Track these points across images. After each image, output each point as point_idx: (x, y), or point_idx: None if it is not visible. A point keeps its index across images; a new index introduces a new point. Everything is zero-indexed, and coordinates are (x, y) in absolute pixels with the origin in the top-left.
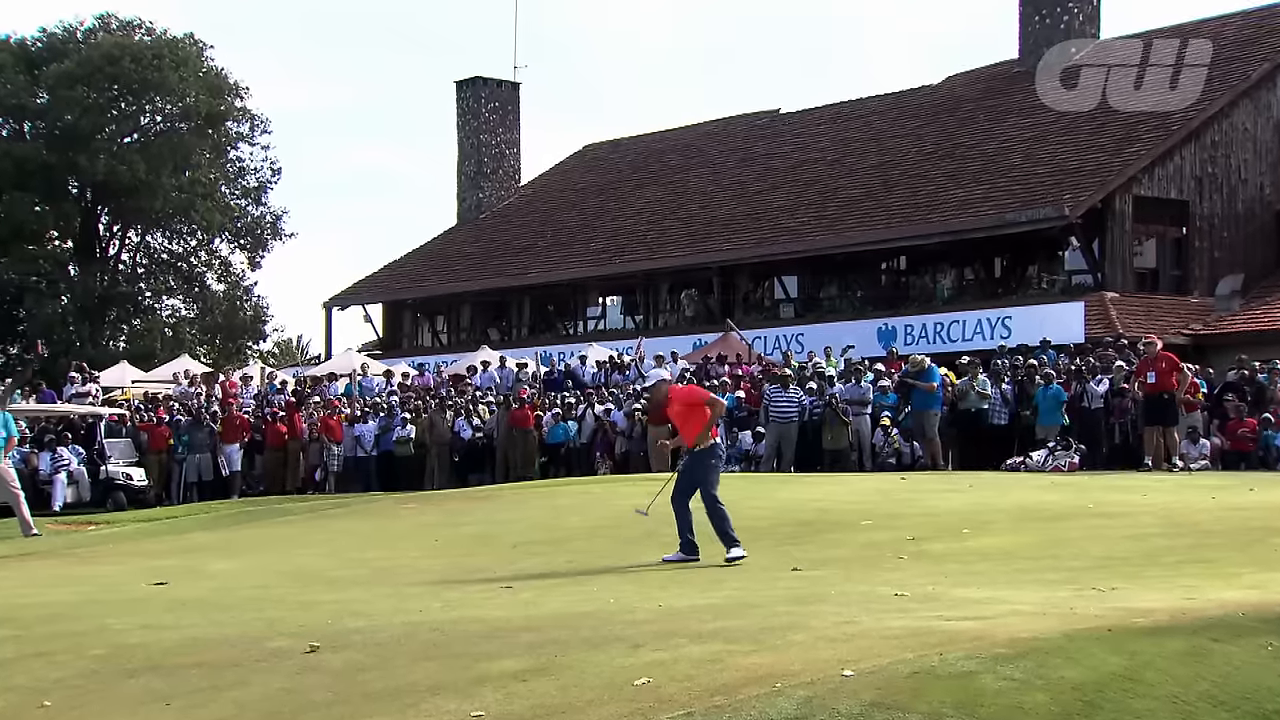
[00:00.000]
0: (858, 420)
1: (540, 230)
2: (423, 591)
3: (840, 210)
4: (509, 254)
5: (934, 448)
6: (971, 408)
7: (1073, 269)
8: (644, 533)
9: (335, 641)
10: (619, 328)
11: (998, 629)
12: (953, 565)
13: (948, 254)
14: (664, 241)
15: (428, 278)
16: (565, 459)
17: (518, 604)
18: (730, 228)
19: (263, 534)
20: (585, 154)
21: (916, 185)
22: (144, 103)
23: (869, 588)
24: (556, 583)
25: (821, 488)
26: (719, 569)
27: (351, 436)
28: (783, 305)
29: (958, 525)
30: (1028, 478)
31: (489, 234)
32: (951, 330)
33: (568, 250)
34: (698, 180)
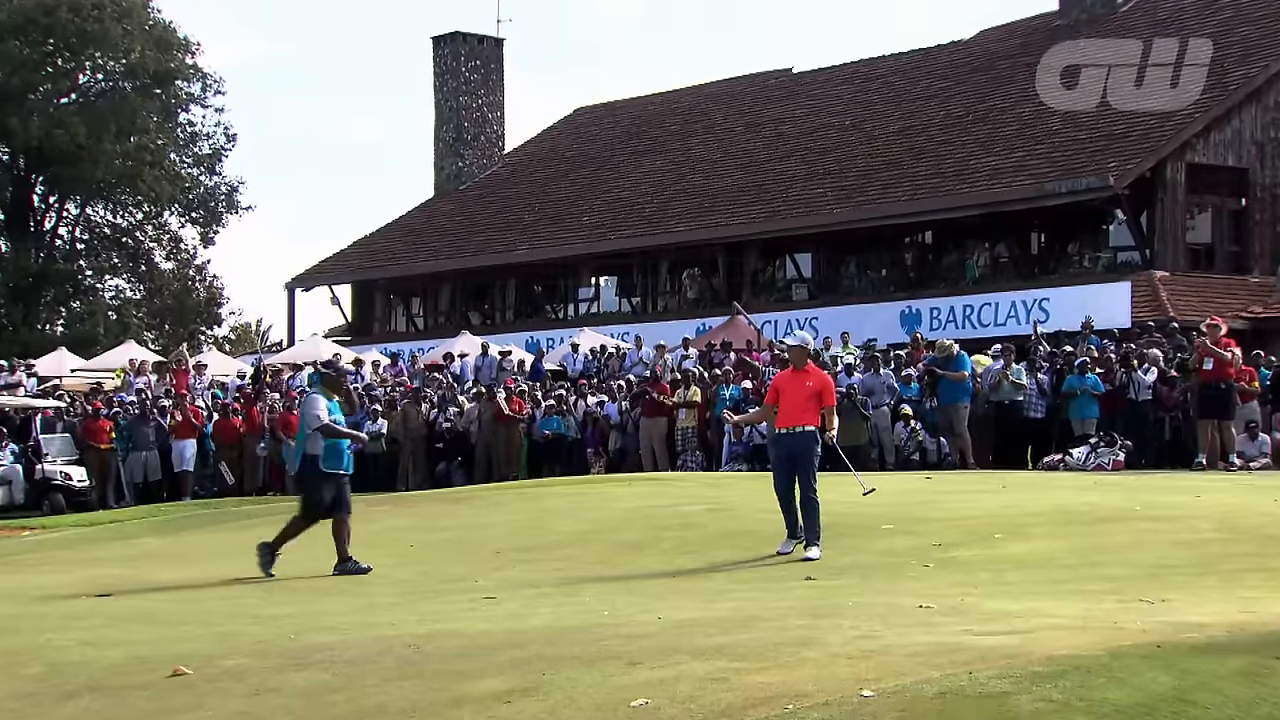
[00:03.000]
0: (878, 414)
1: (527, 203)
2: (396, 603)
3: (859, 181)
4: (492, 229)
5: (963, 444)
6: (1005, 399)
7: (1118, 245)
8: (642, 538)
9: (298, 659)
10: (614, 310)
11: (1034, 645)
12: (983, 574)
13: (979, 229)
14: (664, 216)
15: (402, 256)
16: (554, 456)
17: (501, 617)
18: (737, 200)
19: (218, 540)
20: (576, 119)
21: (944, 153)
22: (83, 59)
23: (890, 599)
24: (544, 593)
25: (837, 488)
26: (722, 577)
27: None
28: (795, 286)
29: (989, 530)
30: (1067, 477)
31: (470, 207)
32: (983, 313)
33: (557, 225)
34: (701, 148)
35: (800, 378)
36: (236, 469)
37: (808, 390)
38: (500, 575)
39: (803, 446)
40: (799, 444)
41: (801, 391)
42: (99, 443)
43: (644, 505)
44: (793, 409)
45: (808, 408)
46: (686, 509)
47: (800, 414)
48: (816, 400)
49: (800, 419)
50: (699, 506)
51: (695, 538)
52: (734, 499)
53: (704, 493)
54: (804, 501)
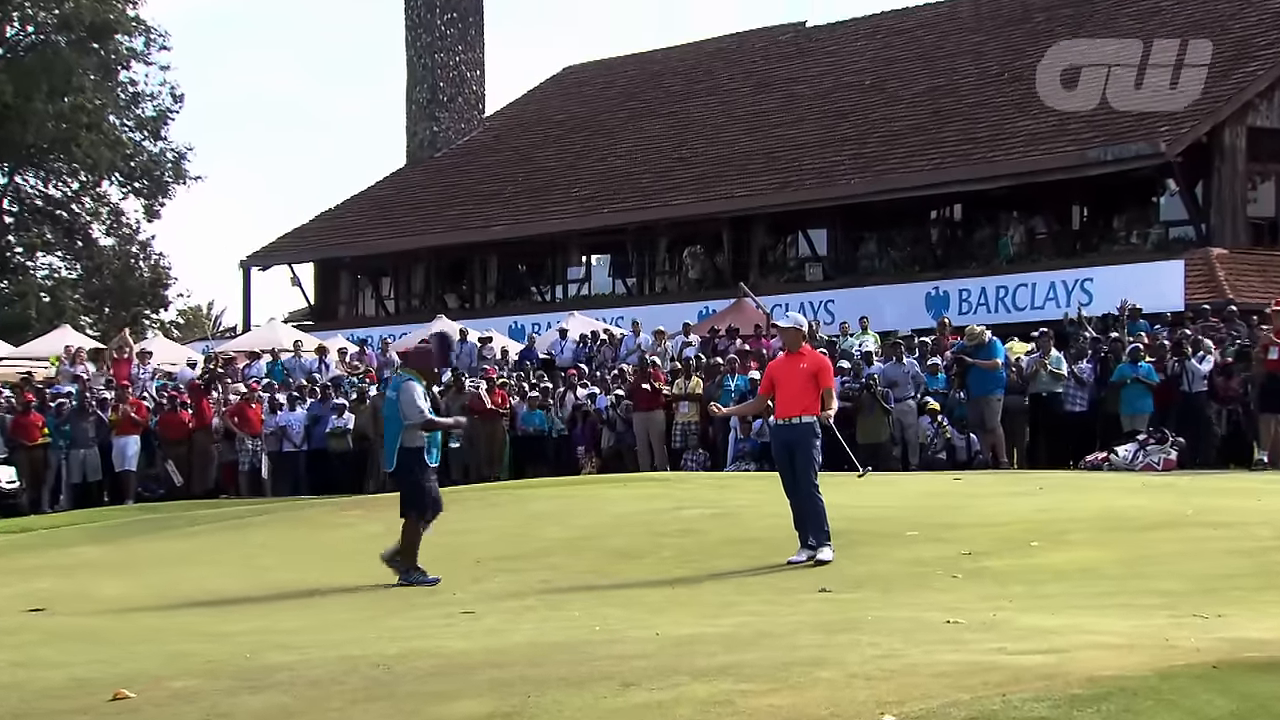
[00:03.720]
0: (900, 408)
1: (509, 173)
2: (363, 619)
3: (880, 148)
4: (471, 202)
5: (995, 441)
6: (1042, 391)
7: (1170, 219)
8: (637, 546)
9: (254, 680)
10: (606, 293)
11: (1074, 665)
12: (1018, 586)
13: (1014, 201)
14: (663, 187)
15: (370, 231)
16: (540, 454)
17: (481, 633)
18: (744, 170)
19: (164, 548)
20: (565, 78)
21: (976, 116)
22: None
23: (914, 613)
24: (528, 606)
25: (855, 490)
26: (726, 588)
27: (275, 428)
28: (809, 265)
29: (1025, 537)
30: (1112, 478)
31: (446, 177)
32: (1018, 296)
33: (544, 197)
34: (704, 111)
35: (794, 362)
36: (185, 468)
37: (803, 374)
38: (480, 587)
39: (800, 438)
40: (796, 435)
41: (797, 377)
42: (30, 440)
43: (640, 509)
44: (789, 397)
45: (805, 394)
46: (687, 513)
47: (797, 402)
48: (814, 384)
49: (797, 408)
50: (701, 510)
51: (697, 545)
52: (740, 502)
53: (707, 495)
54: (804, 500)
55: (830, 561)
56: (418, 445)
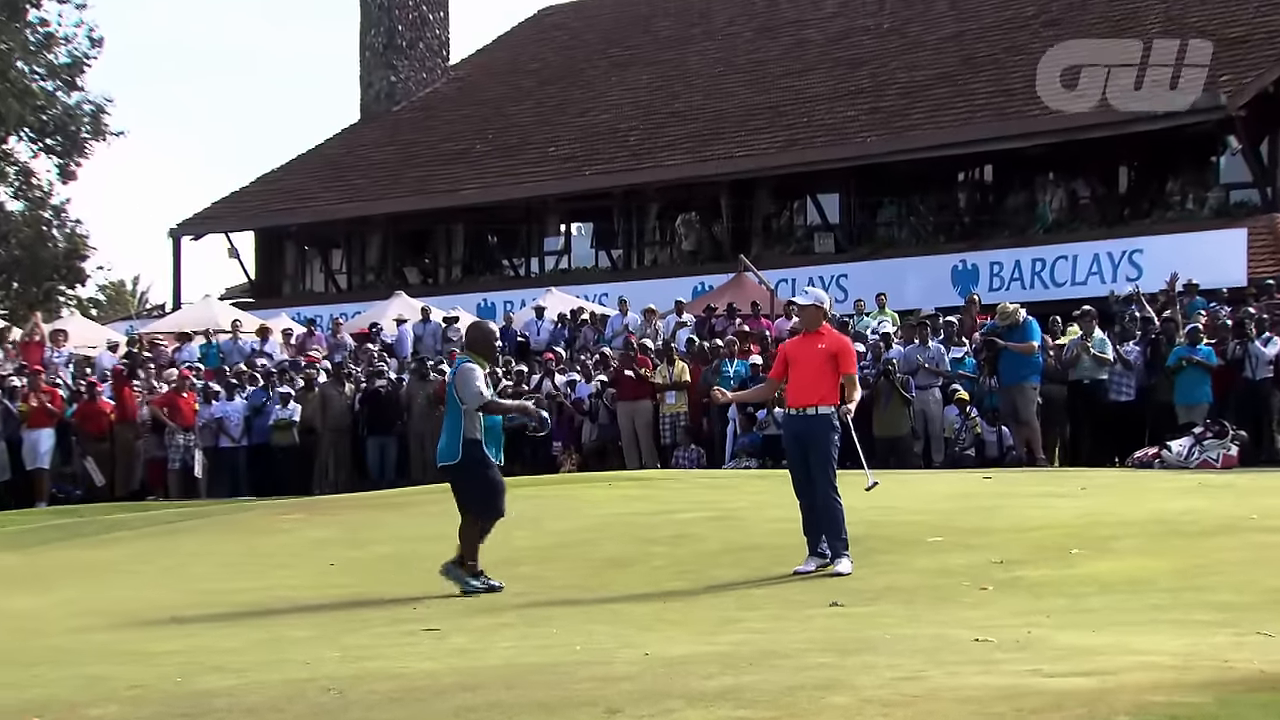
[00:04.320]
0: (923, 397)
1: (478, 129)
2: (312, 636)
3: (900, 101)
4: (434, 163)
5: (1031, 434)
6: (1085, 378)
7: (1231, 182)
8: (624, 554)
9: (184, 709)
10: (588, 266)
11: (1121, 689)
12: (1057, 599)
13: (1053, 162)
14: (653, 145)
15: (319, 195)
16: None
17: (447, 652)
18: (745, 126)
19: (82, 557)
20: (541, 21)
21: (1009, 66)
22: None
23: (939, 630)
24: (502, 623)
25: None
26: (725, 602)
27: (210, 420)
28: (818, 235)
29: (1064, 543)
30: (1165, 477)
31: (406, 134)
32: (1057, 269)
33: (517, 158)
34: (700, 59)
35: (811, 343)
36: (106, 467)
37: (820, 357)
38: (445, 601)
39: (815, 431)
40: (810, 428)
41: (814, 360)
42: None
43: (626, 512)
44: (803, 383)
45: (822, 381)
46: (680, 517)
47: (813, 389)
48: (832, 369)
49: (813, 396)
50: (696, 514)
51: (691, 553)
52: (740, 504)
53: (702, 497)
54: (821, 504)
55: (848, 574)
56: (477, 436)
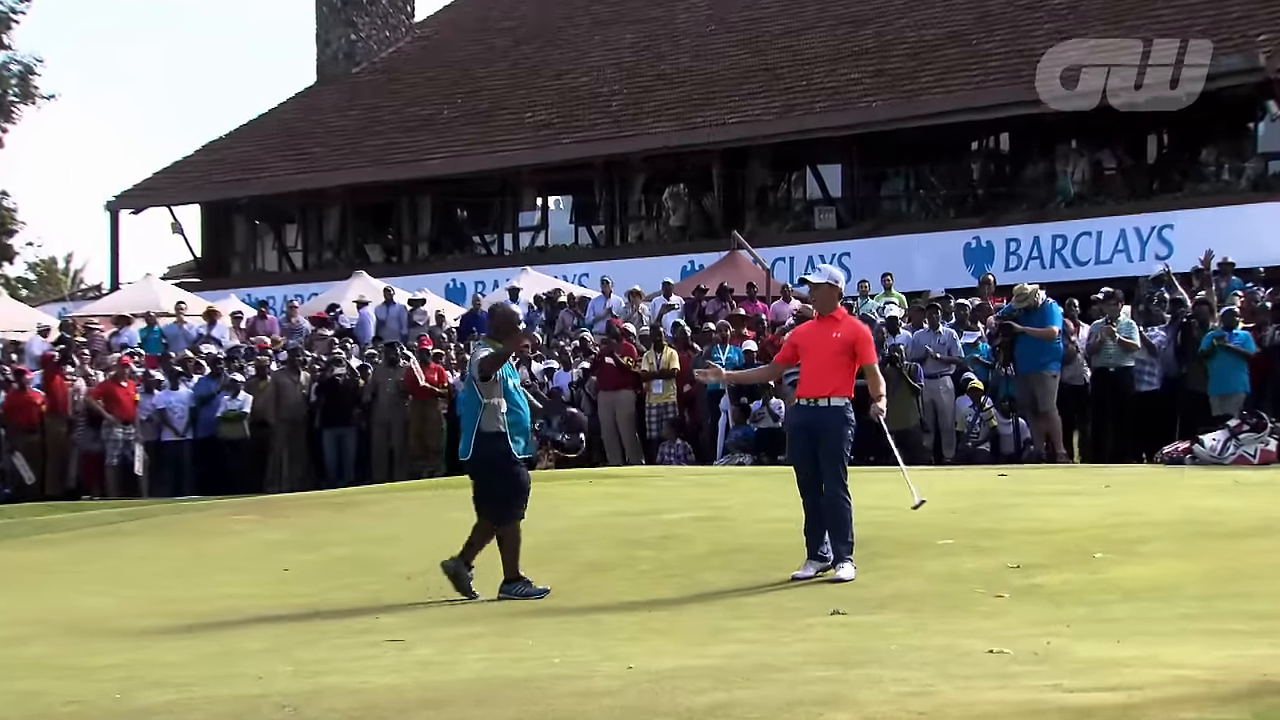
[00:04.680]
0: (932, 386)
1: (446, 93)
2: (264, 648)
3: (908, 62)
4: (397, 130)
5: (1051, 427)
6: (1110, 366)
7: (1271, 150)
8: (606, 558)
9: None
10: (567, 244)
11: (1148, 706)
12: (1079, 608)
13: (1076, 129)
14: (638, 111)
15: (271, 165)
16: None
17: (411, 665)
18: (739, 89)
19: (12, 560)
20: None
21: (1027, 24)
22: None
23: (949, 640)
24: (473, 633)
25: (877, 488)
26: (716, 610)
27: (152, 411)
28: (819, 210)
29: (1087, 546)
30: (1197, 474)
31: (367, 98)
32: (1080, 246)
33: (489, 124)
34: (689, 16)
35: (825, 329)
36: (37, 462)
37: (835, 345)
38: (410, 609)
39: (828, 424)
40: (823, 421)
41: (827, 347)
42: None
43: (608, 512)
44: (816, 372)
45: (837, 370)
46: (667, 518)
47: (826, 379)
48: (848, 359)
49: (825, 386)
50: (684, 514)
51: (679, 557)
52: (732, 504)
53: (691, 495)
54: (829, 501)
55: (850, 580)
56: (499, 429)
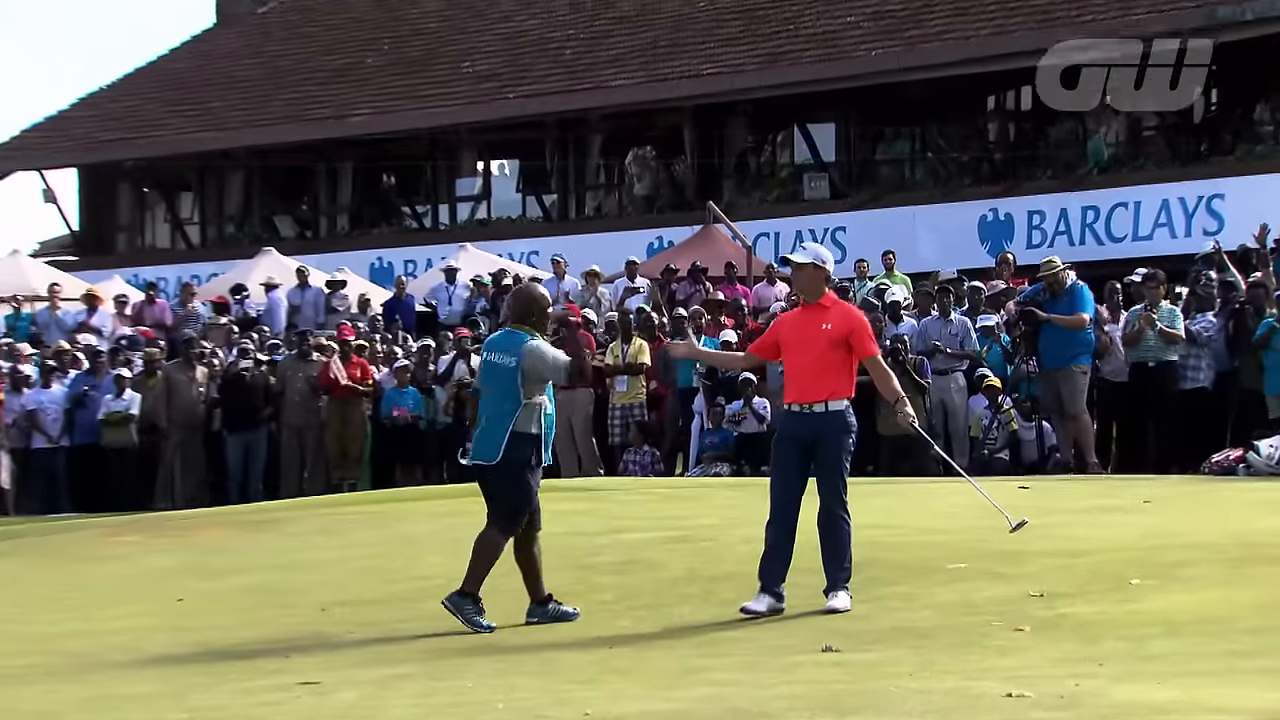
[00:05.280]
0: (943, 383)
1: (370, 38)
2: (153, 692)
3: (913, 3)
4: (311, 81)
5: (1080, 431)
6: (1149, 360)
7: None
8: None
9: None
10: (513, 216)
11: None
12: (1114, 642)
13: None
14: (595, 62)
15: (162, 123)
16: (415, 451)
17: (329, 713)
18: (714, 35)
19: None
20: None
21: None
22: None
23: (960, 682)
24: (400, 673)
25: (877, 503)
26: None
27: (20, 413)
28: (809, 177)
29: (1122, 571)
30: (1250, 487)
31: (276, 43)
32: (1114, 220)
33: (421, 75)
34: None
35: (812, 319)
36: None
37: (826, 338)
38: (329, 647)
39: (826, 433)
40: (821, 429)
41: (817, 342)
42: None
43: (562, 531)
44: (806, 372)
45: (830, 368)
46: (631, 537)
47: (819, 381)
48: (843, 353)
49: (819, 390)
50: (652, 533)
51: (645, 584)
52: (707, 521)
53: (660, 511)
54: (825, 521)
55: (846, 611)
56: (534, 430)
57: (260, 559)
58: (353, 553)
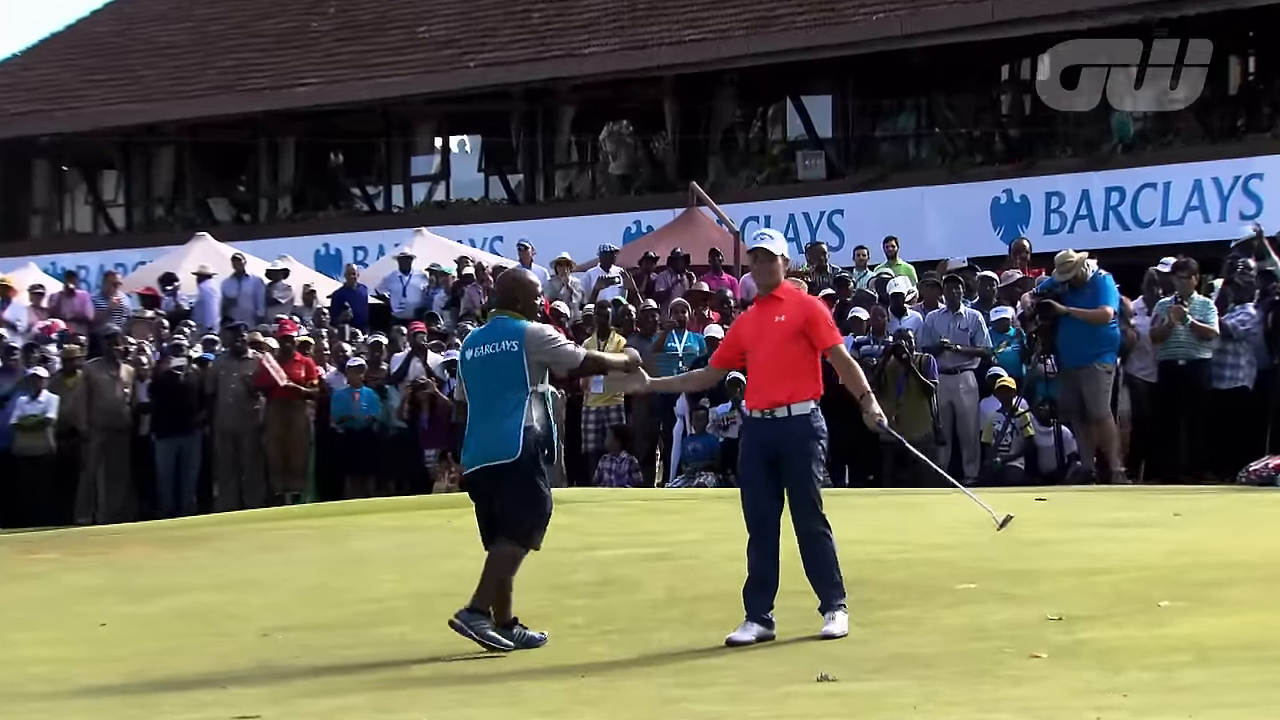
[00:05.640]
0: (952, 383)
1: (313, 0)
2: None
3: None
4: (251, 47)
5: (1104, 437)
6: (1179, 358)
7: None
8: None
9: None
10: (474, 198)
11: None
12: (1139, 672)
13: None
14: (565, 25)
15: (82, 94)
16: (366, 460)
17: None
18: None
19: None
20: None
21: None
22: None
23: (970, 714)
24: (346, 704)
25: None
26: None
27: None
28: (804, 155)
29: (1149, 593)
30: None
31: (206, 6)
32: (1141, 202)
33: (371, 42)
34: None
35: (766, 313)
36: None
37: (781, 332)
38: (271, 677)
39: (790, 440)
40: (783, 437)
41: (772, 336)
42: None
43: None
44: (765, 373)
45: (790, 366)
46: (606, 554)
47: (779, 380)
48: (804, 348)
49: (779, 390)
50: (628, 550)
51: (621, 606)
52: (690, 537)
53: (638, 526)
54: (803, 540)
55: (843, 636)
56: (538, 425)
57: (193, 579)
58: (296, 572)
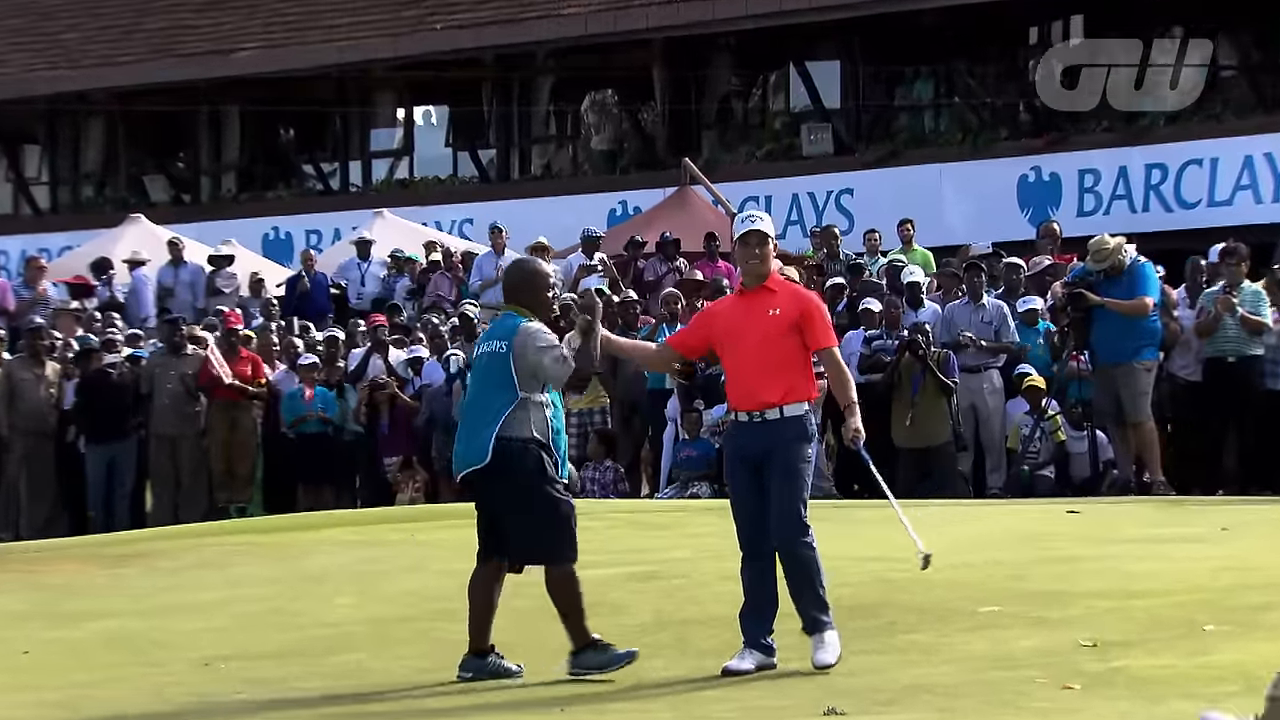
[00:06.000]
0: (974, 383)
1: None
2: None
3: None
4: (188, 6)
5: (1143, 442)
6: (1228, 354)
7: None
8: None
9: None
10: (442, 176)
11: None
12: (1181, 701)
13: (1175, 11)
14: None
15: (2, 58)
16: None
17: None
18: None
19: None
20: None
21: None
22: None
23: None
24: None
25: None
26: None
27: None
28: (810, 128)
29: (1192, 616)
30: None
31: None
32: (1185, 181)
33: (321, 5)
34: None
35: (756, 304)
36: None
37: (774, 327)
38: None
39: (779, 443)
40: (772, 440)
41: (762, 331)
42: None
43: None
44: (751, 370)
45: (783, 364)
46: (589, 574)
47: (770, 380)
48: (797, 345)
49: (770, 391)
50: (613, 569)
51: (606, 631)
52: (681, 554)
53: (624, 542)
54: (784, 555)
55: (834, 663)
56: (531, 434)
57: (127, 601)
58: (241, 593)
